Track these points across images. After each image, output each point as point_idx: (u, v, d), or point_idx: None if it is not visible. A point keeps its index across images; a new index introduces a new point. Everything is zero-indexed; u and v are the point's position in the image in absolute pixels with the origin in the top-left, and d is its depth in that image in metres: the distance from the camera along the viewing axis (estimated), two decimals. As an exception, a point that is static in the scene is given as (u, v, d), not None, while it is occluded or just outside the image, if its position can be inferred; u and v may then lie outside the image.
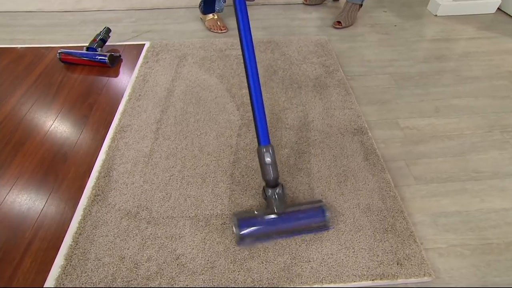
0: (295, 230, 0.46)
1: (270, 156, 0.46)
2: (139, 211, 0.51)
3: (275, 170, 0.46)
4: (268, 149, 0.46)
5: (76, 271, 0.44)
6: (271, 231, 0.46)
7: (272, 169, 0.46)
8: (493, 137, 0.64)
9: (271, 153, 0.46)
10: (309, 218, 0.47)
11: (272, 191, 0.46)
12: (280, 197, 0.46)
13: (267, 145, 0.47)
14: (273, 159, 0.46)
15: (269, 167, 0.46)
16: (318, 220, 0.46)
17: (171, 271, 0.44)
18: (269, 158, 0.45)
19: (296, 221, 0.46)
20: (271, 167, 0.46)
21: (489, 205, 0.52)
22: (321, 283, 0.42)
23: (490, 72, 0.82)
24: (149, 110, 0.70)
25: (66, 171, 0.57)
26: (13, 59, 0.86)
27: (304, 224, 0.46)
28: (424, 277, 0.43)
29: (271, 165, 0.46)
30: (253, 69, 0.46)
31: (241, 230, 0.44)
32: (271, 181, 0.46)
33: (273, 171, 0.46)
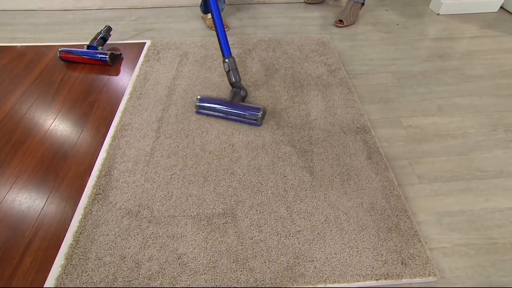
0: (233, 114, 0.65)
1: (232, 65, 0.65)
2: (140, 210, 0.51)
3: (236, 75, 0.65)
4: (230, 59, 0.65)
5: (77, 271, 0.44)
6: (219, 108, 0.65)
7: (234, 74, 0.65)
8: (497, 136, 0.63)
9: (233, 62, 0.65)
10: (247, 110, 0.64)
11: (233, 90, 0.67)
12: (236, 93, 0.66)
13: (229, 56, 0.65)
14: (234, 66, 0.65)
15: (231, 72, 0.65)
16: (252, 113, 0.64)
17: (172, 271, 0.43)
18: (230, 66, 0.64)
19: (237, 108, 0.65)
20: (233, 72, 0.65)
21: (494, 204, 0.52)
22: (325, 283, 0.42)
23: (494, 71, 0.81)
24: (150, 108, 0.70)
25: (66, 170, 0.57)
26: (13, 58, 0.86)
27: (242, 113, 0.64)
28: (429, 277, 0.42)
29: (232, 71, 0.65)
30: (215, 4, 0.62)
31: (200, 101, 0.65)
32: (233, 83, 0.66)
33: (234, 75, 0.65)
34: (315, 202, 0.51)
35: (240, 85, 0.66)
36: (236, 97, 0.65)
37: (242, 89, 0.67)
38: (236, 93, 0.66)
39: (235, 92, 0.66)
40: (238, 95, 0.66)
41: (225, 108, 0.64)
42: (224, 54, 0.64)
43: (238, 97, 0.66)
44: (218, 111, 0.65)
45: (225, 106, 0.65)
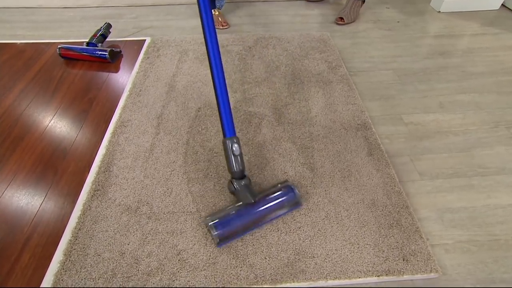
0: (270, 215, 0.46)
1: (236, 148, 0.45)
2: (140, 206, 0.50)
3: (242, 162, 0.46)
4: (233, 141, 0.46)
5: (76, 267, 0.43)
6: (247, 222, 0.45)
7: (239, 160, 0.45)
8: (498, 133, 0.63)
9: (236, 145, 0.45)
10: (280, 198, 0.46)
11: (239, 182, 0.46)
12: (248, 187, 0.46)
13: (232, 137, 0.46)
14: (239, 151, 0.45)
15: (235, 158, 0.45)
16: (289, 199, 0.47)
17: (172, 267, 0.43)
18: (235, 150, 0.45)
19: (268, 205, 0.46)
20: (238, 158, 0.45)
21: (496, 201, 0.51)
22: (326, 279, 0.41)
23: (495, 68, 0.81)
24: (150, 105, 0.69)
25: (65, 166, 0.57)
26: (12, 55, 0.85)
27: (276, 206, 0.46)
28: (430, 273, 0.42)
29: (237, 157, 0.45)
30: (217, 62, 0.45)
31: (217, 231, 0.43)
32: (238, 173, 0.46)
33: (240, 162, 0.45)
34: (316, 198, 0.51)
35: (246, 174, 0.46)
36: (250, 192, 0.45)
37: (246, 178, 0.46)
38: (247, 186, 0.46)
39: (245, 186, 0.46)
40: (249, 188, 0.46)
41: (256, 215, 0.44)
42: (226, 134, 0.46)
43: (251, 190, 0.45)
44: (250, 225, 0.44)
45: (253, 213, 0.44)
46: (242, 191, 0.45)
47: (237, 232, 0.44)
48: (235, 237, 0.45)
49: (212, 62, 0.45)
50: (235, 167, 0.45)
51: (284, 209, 0.46)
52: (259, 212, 0.45)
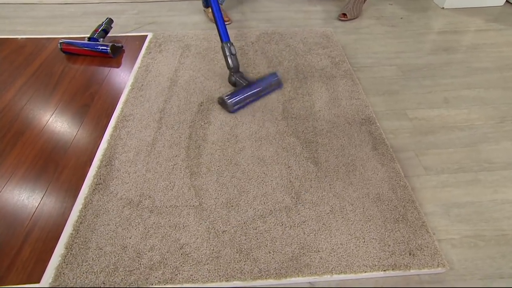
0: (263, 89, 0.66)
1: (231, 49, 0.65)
2: (142, 200, 0.50)
3: (236, 60, 0.66)
4: (228, 44, 0.65)
5: (77, 260, 0.43)
6: (248, 94, 0.65)
7: (234, 59, 0.65)
8: (505, 128, 0.62)
9: (232, 47, 0.65)
10: (268, 79, 0.67)
11: (236, 74, 0.67)
12: (243, 76, 0.67)
13: (227, 41, 0.66)
14: (234, 51, 0.66)
15: (232, 57, 0.65)
16: (274, 80, 0.67)
17: (175, 261, 0.42)
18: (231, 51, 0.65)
19: (260, 83, 0.67)
20: (234, 57, 0.65)
21: (503, 196, 0.51)
22: (331, 274, 0.41)
23: (500, 64, 0.80)
24: (152, 99, 0.69)
25: (67, 160, 0.56)
26: (13, 50, 0.85)
27: (266, 84, 0.67)
28: (437, 268, 0.41)
29: (233, 56, 0.65)
30: None
31: (230, 99, 0.63)
32: (234, 68, 0.66)
33: (235, 60, 0.66)
34: (320, 193, 0.50)
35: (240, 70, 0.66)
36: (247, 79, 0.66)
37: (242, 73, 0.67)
38: (242, 76, 0.67)
39: (241, 76, 0.67)
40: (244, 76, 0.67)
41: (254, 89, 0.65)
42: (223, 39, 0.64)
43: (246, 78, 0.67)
44: (250, 96, 0.65)
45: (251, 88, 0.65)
46: (239, 79, 0.67)
47: (242, 101, 0.64)
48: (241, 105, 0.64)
49: None
50: (232, 63, 0.65)
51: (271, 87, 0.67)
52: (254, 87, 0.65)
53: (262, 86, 0.66)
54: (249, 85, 0.65)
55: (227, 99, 0.62)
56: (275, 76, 0.67)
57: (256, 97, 0.66)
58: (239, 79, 0.66)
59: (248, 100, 0.65)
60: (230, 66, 0.65)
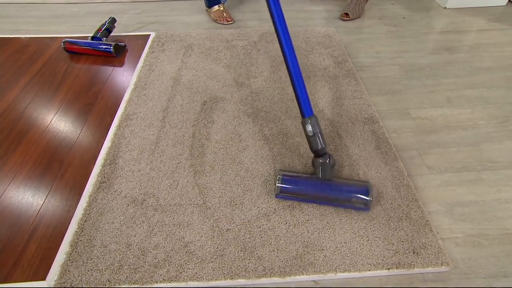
0: (334, 199, 0.47)
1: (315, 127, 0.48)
2: (146, 198, 0.50)
3: (321, 140, 0.48)
4: (312, 120, 0.48)
5: (82, 258, 0.43)
6: (310, 192, 0.48)
7: (318, 139, 0.48)
8: (508, 127, 0.62)
9: (315, 124, 0.48)
10: (351, 192, 0.47)
11: (319, 159, 0.49)
12: (326, 165, 0.48)
13: (311, 117, 0.49)
14: (318, 129, 0.48)
15: (314, 137, 0.48)
16: (359, 197, 0.46)
17: (179, 259, 0.42)
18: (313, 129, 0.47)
19: (337, 189, 0.48)
20: (316, 137, 0.48)
21: (507, 195, 0.51)
22: (335, 272, 0.41)
23: (503, 63, 0.80)
24: (155, 98, 0.69)
25: (71, 159, 0.56)
26: (17, 49, 0.85)
27: (344, 195, 0.47)
28: (441, 267, 0.41)
29: (316, 135, 0.48)
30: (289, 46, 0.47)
31: (280, 183, 0.48)
32: (318, 151, 0.48)
33: (318, 141, 0.48)
34: (324, 192, 0.51)
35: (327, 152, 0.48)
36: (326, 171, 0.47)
37: (330, 157, 0.49)
38: (324, 164, 0.48)
39: (322, 164, 0.48)
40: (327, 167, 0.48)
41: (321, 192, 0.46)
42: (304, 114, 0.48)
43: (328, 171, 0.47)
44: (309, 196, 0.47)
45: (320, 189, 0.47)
46: (317, 166, 0.49)
47: (296, 194, 0.48)
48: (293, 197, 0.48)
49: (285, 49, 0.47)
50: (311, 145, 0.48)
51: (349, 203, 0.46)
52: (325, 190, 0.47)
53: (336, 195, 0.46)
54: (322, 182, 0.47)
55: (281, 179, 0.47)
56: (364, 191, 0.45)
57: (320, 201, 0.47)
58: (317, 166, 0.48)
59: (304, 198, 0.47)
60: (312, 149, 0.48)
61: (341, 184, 0.48)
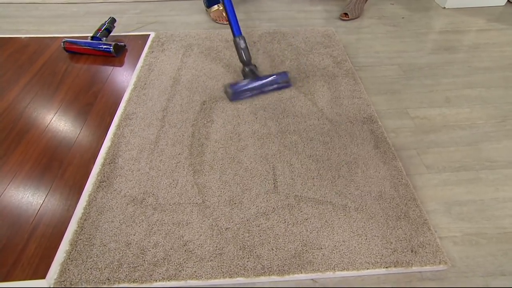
0: (267, 85, 0.68)
1: (243, 43, 0.67)
2: (145, 197, 0.50)
3: (248, 53, 0.68)
4: (241, 38, 0.67)
5: (82, 256, 0.43)
6: (251, 87, 0.67)
7: (246, 52, 0.67)
8: (506, 127, 0.63)
9: (242, 41, 0.67)
10: (276, 77, 0.69)
11: (247, 67, 0.69)
12: (253, 70, 0.69)
13: (240, 35, 0.67)
14: (245, 45, 0.67)
15: (244, 50, 0.67)
16: (282, 78, 0.69)
17: (178, 257, 0.43)
18: (243, 44, 0.67)
19: (266, 79, 0.68)
20: (244, 51, 0.67)
21: (505, 194, 0.51)
22: (333, 270, 0.41)
23: (502, 63, 0.80)
24: (155, 98, 0.69)
25: (70, 158, 0.56)
26: (17, 49, 0.85)
27: (273, 81, 0.68)
28: (439, 265, 0.42)
29: (244, 49, 0.67)
30: None
31: (232, 88, 0.66)
32: (246, 61, 0.68)
33: (246, 54, 0.68)
34: (323, 191, 0.51)
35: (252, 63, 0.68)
36: (256, 72, 0.68)
37: (255, 67, 0.69)
38: (252, 70, 0.69)
39: (251, 70, 0.69)
40: (254, 70, 0.69)
41: (258, 83, 0.66)
42: (235, 33, 0.67)
43: (255, 72, 0.69)
44: (253, 89, 0.67)
45: (256, 82, 0.67)
46: (249, 72, 0.69)
47: (244, 91, 0.66)
48: (242, 95, 0.67)
49: None
50: (244, 56, 0.67)
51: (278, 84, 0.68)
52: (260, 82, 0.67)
53: (269, 81, 0.67)
54: (257, 79, 0.67)
55: (230, 87, 0.65)
56: (285, 75, 0.68)
57: (260, 91, 0.67)
58: (250, 72, 0.68)
59: (251, 93, 0.67)
60: (242, 59, 0.67)
61: (269, 75, 0.69)
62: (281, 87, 0.68)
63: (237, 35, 0.67)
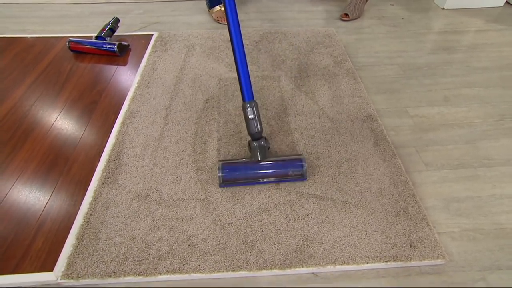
0: (273, 176, 0.51)
1: (254, 111, 0.50)
2: (150, 193, 0.51)
3: (259, 124, 0.51)
4: (251, 105, 0.51)
5: (88, 250, 0.44)
6: (250, 174, 0.51)
7: (256, 122, 0.50)
8: (504, 126, 0.64)
9: (254, 108, 0.51)
10: (287, 166, 0.51)
11: (256, 142, 0.52)
12: (262, 147, 0.52)
13: (251, 101, 0.51)
14: (257, 113, 0.51)
15: (253, 121, 0.50)
16: (295, 169, 0.51)
17: (182, 251, 0.44)
18: (252, 113, 0.50)
19: (274, 167, 0.51)
20: (255, 121, 0.50)
21: (502, 191, 0.52)
22: (334, 264, 0.42)
23: (500, 63, 0.82)
24: (158, 96, 0.70)
25: (76, 155, 0.58)
26: (23, 48, 0.87)
27: (281, 171, 0.51)
28: (437, 260, 0.42)
29: (255, 119, 0.50)
30: (236, 28, 0.49)
31: (223, 173, 0.50)
32: (255, 134, 0.51)
33: (256, 124, 0.50)
34: (324, 187, 0.52)
35: (263, 136, 0.51)
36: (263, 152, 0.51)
37: (266, 140, 0.52)
38: (261, 147, 0.51)
39: (259, 146, 0.51)
40: (263, 149, 0.51)
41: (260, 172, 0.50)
42: (244, 98, 0.50)
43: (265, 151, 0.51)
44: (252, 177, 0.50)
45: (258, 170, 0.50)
46: (254, 150, 0.52)
47: (239, 179, 0.51)
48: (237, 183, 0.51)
49: (232, 31, 0.50)
50: (252, 128, 0.50)
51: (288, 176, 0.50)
52: (264, 169, 0.51)
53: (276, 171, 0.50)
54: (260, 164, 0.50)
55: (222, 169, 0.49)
56: (299, 164, 0.49)
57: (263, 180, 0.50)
58: (254, 150, 0.51)
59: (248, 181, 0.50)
60: (249, 132, 0.50)
61: (278, 162, 0.52)
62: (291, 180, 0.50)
63: (247, 100, 0.50)
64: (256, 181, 0.50)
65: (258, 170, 0.50)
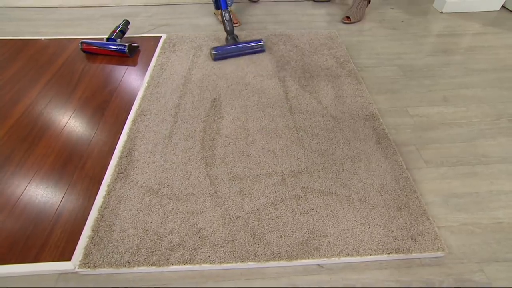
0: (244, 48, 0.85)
1: (229, 16, 0.84)
2: (161, 188, 0.53)
3: (231, 25, 0.86)
4: (226, 12, 0.83)
5: (103, 241, 0.46)
6: (231, 49, 0.85)
7: (229, 24, 0.85)
8: (501, 125, 0.66)
9: (228, 14, 0.83)
10: (252, 42, 0.87)
11: (230, 36, 0.87)
12: (234, 38, 0.88)
13: (225, 9, 0.84)
14: (230, 18, 0.84)
15: (228, 22, 0.84)
16: (257, 44, 0.86)
17: (193, 243, 0.46)
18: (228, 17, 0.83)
19: (243, 43, 0.87)
20: (229, 22, 0.84)
21: (499, 187, 0.54)
22: (338, 256, 0.44)
23: (497, 65, 0.84)
24: (168, 95, 0.73)
25: (89, 152, 0.60)
26: (37, 50, 0.90)
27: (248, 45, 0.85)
28: (437, 252, 0.44)
29: (229, 21, 0.84)
30: None
31: (215, 50, 0.83)
32: (230, 31, 0.86)
33: (230, 25, 0.85)
34: (328, 183, 0.54)
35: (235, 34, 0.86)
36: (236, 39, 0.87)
37: (236, 36, 0.87)
38: (234, 38, 0.87)
39: (233, 37, 0.86)
40: (235, 38, 0.87)
41: (236, 47, 0.83)
42: (222, 6, 0.82)
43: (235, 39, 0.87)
44: (232, 51, 0.83)
45: (236, 46, 0.84)
46: (230, 39, 0.88)
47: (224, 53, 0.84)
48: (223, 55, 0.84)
49: None
50: (227, 27, 0.85)
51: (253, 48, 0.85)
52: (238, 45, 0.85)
53: (246, 46, 0.84)
54: (235, 44, 0.84)
55: (214, 49, 0.82)
56: (259, 42, 0.85)
57: (238, 53, 0.84)
58: (231, 40, 0.86)
59: (229, 54, 0.84)
60: (226, 29, 0.84)
61: (246, 41, 0.87)
62: (255, 51, 0.85)
63: (224, 8, 0.82)
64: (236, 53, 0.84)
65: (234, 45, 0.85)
